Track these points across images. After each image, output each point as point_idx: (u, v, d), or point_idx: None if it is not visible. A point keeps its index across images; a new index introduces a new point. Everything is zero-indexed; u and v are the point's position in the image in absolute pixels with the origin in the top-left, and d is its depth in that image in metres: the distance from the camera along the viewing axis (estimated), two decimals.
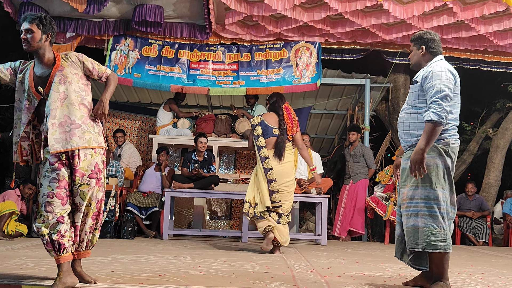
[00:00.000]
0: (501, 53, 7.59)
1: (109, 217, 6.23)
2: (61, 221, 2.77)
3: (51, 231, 2.76)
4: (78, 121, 2.86)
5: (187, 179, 6.57)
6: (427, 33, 3.14)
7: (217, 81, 7.36)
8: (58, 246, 2.76)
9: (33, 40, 2.86)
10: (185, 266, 3.72)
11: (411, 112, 3.05)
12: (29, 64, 2.98)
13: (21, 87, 2.93)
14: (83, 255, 2.95)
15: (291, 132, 5.06)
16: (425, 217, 2.88)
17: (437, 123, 2.83)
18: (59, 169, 2.81)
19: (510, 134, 8.98)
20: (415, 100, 3.04)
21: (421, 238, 2.86)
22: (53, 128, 2.80)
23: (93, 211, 2.91)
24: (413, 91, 3.07)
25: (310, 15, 6.65)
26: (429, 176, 2.91)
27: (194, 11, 6.73)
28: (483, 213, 7.75)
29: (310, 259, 4.53)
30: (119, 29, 7.09)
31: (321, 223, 6.38)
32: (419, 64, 3.15)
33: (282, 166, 4.95)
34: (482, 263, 4.74)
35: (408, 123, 3.06)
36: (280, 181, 4.91)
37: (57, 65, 2.90)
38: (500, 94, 9.50)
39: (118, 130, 7.84)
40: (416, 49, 3.15)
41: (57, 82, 2.86)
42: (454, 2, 6.18)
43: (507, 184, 10.94)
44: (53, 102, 2.83)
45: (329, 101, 9.45)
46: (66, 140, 2.81)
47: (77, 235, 2.88)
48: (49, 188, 2.79)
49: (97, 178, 2.90)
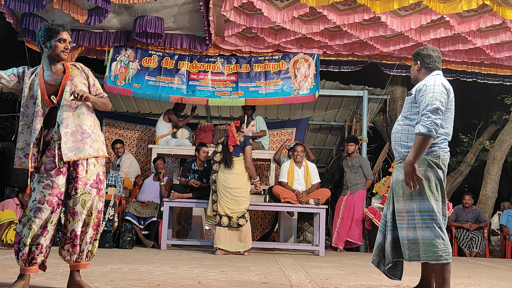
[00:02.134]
0: (497, 65, 7.67)
1: (107, 227, 6.24)
2: (43, 234, 2.77)
3: (33, 243, 2.77)
4: (88, 130, 2.92)
5: (185, 189, 6.59)
6: (425, 49, 3.20)
7: (216, 92, 7.41)
8: (30, 259, 2.77)
9: (69, 51, 2.99)
10: (184, 276, 3.73)
11: (403, 123, 3.10)
12: (36, 70, 3.00)
13: (29, 93, 2.95)
14: (83, 266, 2.94)
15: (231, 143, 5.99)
16: (423, 229, 2.90)
17: (426, 135, 2.86)
18: (55, 176, 2.82)
19: (507, 146, 9.03)
20: (408, 112, 3.10)
21: (422, 250, 2.88)
22: (65, 137, 2.84)
23: (94, 221, 2.92)
24: (407, 102, 3.13)
25: (309, 28, 6.72)
26: (422, 189, 2.95)
27: (194, 23, 6.80)
28: (480, 224, 7.77)
29: (308, 269, 4.54)
30: (120, 40, 7.16)
31: (319, 234, 6.39)
32: (416, 79, 3.23)
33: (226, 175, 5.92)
34: (480, 275, 4.75)
35: (400, 134, 3.10)
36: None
37: (67, 74, 2.96)
38: (496, 106, 9.57)
39: (117, 141, 7.87)
40: (414, 64, 3.24)
41: (68, 91, 2.92)
42: (451, 16, 6.26)
43: (504, 195, 10.98)
44: (65, 111, 2.88)
45: (327, 113, 9.51)
46: (79, 149, 2.86)
47: (77, 244, 2.88)
48: (41, 194, 2.79)
49: (98, 188, 2.92)
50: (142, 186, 7.12)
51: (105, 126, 8.85)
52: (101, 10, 6.20)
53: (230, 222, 5.85)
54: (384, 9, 5.98)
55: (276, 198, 6.58)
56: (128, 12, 6.58)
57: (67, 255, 2.91)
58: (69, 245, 2.88)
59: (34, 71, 3.01)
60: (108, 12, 6.19)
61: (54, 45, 2.94)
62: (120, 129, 8.93)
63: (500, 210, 8.72)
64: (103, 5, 5.97)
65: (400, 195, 3.03)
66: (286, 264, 4.94)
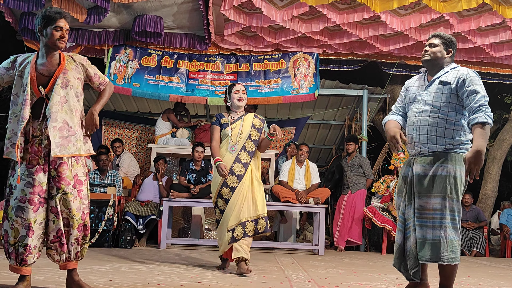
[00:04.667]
0: (497, 64, 7.66)
1: (107, 226, 6.23)
2: (29, 235, 2.71)
3: (19, 243, 2.72)
4: (74, 128, 2.84)
5: (185, 188, 6.59)
6: (455, 40, 3.07)
7: (216, 91, 7.41)
8: (20, 260, 2.73)
9: (66, 40, 2.87)
10: (183, 275, 3.73)
11: (438, 116, 2.87)
12: (29, 58, 2.90)
13: (20, 81, 2.85)
14: (72, 265, 2.87)
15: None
16: (450, 229, 2.77)
17: (490, 126, 2.76)
18: (36, 174, 2.76)
19: (507, 145, 9.03)
20: (444, 103, 2.87)
21: (445, 251, 2.75)
22: (54, 131, 2.76)
23: (78, 223, 2.83)
24: (442, 92, 2.88)
25: (308, 27, 6.71)
26: (457, 187, 2.82)
27: (193, 22, 6.79)
28: (480, 224, 7.77)
29: (308, 269, 4.53)
30: (119, 39, 7.15)
31: (319, 233, 6.39)
32: (437, 63, 2.98)
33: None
34: (480, 274, 4.75)
35: (435, 127, 2.86)
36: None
37: (62, 67, 2.86)
38: (496, 105, 9.56)
39: (116, 140, 7.87)
40: (444, 48, 2.99)
41: (59, 84, 2.83)
42: (451, 15, 6.25)
43: (504, 195, 10.98)
44: (54, 105, 2.79)
45: (327, 112, 9.50)
46: (63, 146, 2.77)
47: (64, 243, 2.81)
48: (22, 192, 2.73)
49: (77, 190, 2.84)
50: (141, 185, 7.12)
51: (104, 125, 8.85)
52: (100, 9, 6.19)
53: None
54: (384, 8, 5.97)
55: (276, 197, 6.58)
56: (127, 11, 6.57)
57: (56, 255, 2.84)
58: (56, 244, 2.81)
59: (28, 57, 2.91)
60: (107, 11, 6.18)
61: (50, 33, 2.84)
62: (120, 129, 8.92)
63: (500, 209, 8.73)
64: (103, 4, 5.96)
65: (430, 191, 2.82)
66: (285, 264, 4.94)
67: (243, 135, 4.23)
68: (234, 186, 4.11)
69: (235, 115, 4.35)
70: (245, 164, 4.18)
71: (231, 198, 4.10)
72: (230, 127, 4.25)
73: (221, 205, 4.15)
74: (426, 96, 2.95)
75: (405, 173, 2.99)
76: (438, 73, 2.99)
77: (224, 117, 4.34)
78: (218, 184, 4.15)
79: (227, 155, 4.18)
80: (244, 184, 4.13)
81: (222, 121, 4.31)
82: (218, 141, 4.28)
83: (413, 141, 2.94)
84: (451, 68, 2.98)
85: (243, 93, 4.35)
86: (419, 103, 2.97)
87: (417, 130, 2.92)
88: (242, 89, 4.36)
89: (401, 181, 3.03)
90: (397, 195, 3.05)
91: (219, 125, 4.30)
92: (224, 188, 4.13)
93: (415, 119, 2.95)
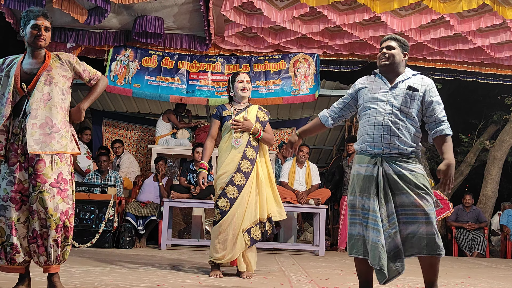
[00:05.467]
0: (497, 65, 7.66)
1: (107, 227, 6.24)
2: (13, 233, 2.71)
3: (6, 243, 2.72)
4: (58, 125, 2.80)
5: (185, 189, 6.60)
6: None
7: (216, 91, 7.41)
8: (9, 259, 2.73)
9: (48, 38, 2.86)
10: (183, 276, 3.73)
11: (406, 120, 2.89)
12: (17, 58, 2.91)
13: (6, 81, 2.84)
14: (53, 269, 2.79)
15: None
16: (435, 223, 2.82)
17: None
18: (16, 172, 2.74)
19: (507, 146, 9.03)
20: (412, 109, 2.89)
21: (439, 244, 2.77)
22: (33, 128, 2.73)
23: (56, 223, 2.72)
24: (411, 98, 2.89)
25: (309, 27, 6.72)
26: (427, 184, 2.87)
27: (194, 22, 6.79)
28: (480, 224, 7.77)
29: (308, 269, 4.53)
30: (120, 40, 7.15)
31: (319, 234, 6.39)
32: (396, 66, 2.97)
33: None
34: (480, 275, 4.75)
35: (406, 131, 2.88)
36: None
37: (46, 65, 2.85)
38: (497, 106, 9.56)
39: (116, 141, 7.87)
40: (401, 51, 3.00)
41: (42, 82, 2.81)
42: (451, 15, 6.25)
43: (504, 195, 10.97)
44: (35, 101, 2.77)
45: None
46: (45, 143, 2.74)
47: (41, 245, 2.74)
48: (4, 191, 2.73)
49: (60, 189, 2.77)
50: (142, 186, 7.12)
51: (104, 126, 8.86)
52: (100, 10, 6.19)
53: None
54: (384, 9, 5.97)
55: None
56: (128, 12, 6.57)
57: (34, 257, 2.78)
58: (34, 245, 2.75)
59: (16, 58, 2.92)
60: (108, 12, 6.18)
61: (28, 32, 2.83)
62: (120, 129, 8.93)
63: (501, 210, 8.73)
64: (103, 5, 5.96)
65: (411, 189, 2.81)
66: (286, 264, 4.94)
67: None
68: (241, 185, 3.87)
69: (239, 106, 4.08)
70: (252, 161, 3.95)
71: (239, 197, 3.85)
72: (233, 119, 3.99)
73: (222, 205, 3.84)
74: (391, 98, 2.92)
75: (368, 172, 2.91)
76: (400, 77, 2.97)
77: (227, 109, 4.07)
78: (224, 182, 3.87)
79: (232, 151, 3.92)
80: (253, 182, 3.92)
81: (224, 113, 4.03)
82: (214, 138, 4.06)
83: (381, 141, 2.90)
84: (412, 74, 2.99)
85: (248, 82, 4.06)
86: (384, 103, 2.92)
87: (386, 131, 2.89)
88: (246, 78, 4.06)
89: (363, 180, 2.91)
90: (360, 195, 2.89)
91: (220, 118, 4.04)
92: (229, 186, 3.85)
93: (383, 119, 2.90)
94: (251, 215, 3.90)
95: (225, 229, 3.83)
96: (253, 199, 3.92)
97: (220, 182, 3.91)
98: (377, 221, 2.79)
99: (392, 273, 2.78)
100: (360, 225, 2.87)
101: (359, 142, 3.02)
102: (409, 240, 2.80)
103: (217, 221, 3.87)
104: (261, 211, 3.95)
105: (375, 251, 2.74)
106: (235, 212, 3.85)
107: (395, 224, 2.79)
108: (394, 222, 2.79)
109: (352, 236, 2.90)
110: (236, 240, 3.83)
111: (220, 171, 3.93)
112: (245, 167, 3.92)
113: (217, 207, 3.89)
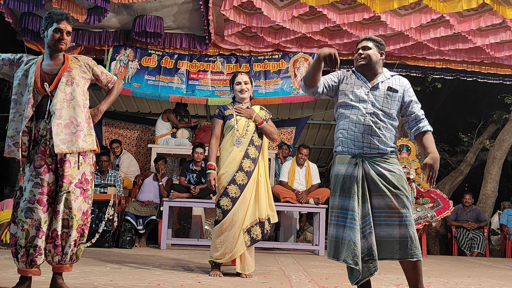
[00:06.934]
0: (497, 65, 7.66)
1: (107, 227, 6.23)
2: (39, 235, 2.71)
3: (29, 244, 2.71)
4: (82, 124, 2.84)
5: (185, 188, 6.60)
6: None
7: (216, 91, 7.41)
8: (30, 261, 2.73)
9: (69, 42, 2.91)
10: (183, 276, 3.73)
11: (387, 121, 2.92)
12: (35, 59, 2.95)
13: (25, 81, 2.88)
14: (66, 269, 2.84)
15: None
16: (413, 226, 2.82)
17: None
18: (44, 174, 2.75)
19: (507, 145, 9.03)
20: (393, 110, 2.94)
21: (415, 247, 2.76)
22: (58, 128, 2.76)
23: (77, 223, 2.79)
24: (392, 99, 2.94)
25: (309, 27, 6.71)
26: (405, 185, 2.87)
27: (193, 22, 6.78)
28: (480, 224, 7.77)
29: (308, 269, 4.53)
30: (119, 40, 7.15)
31: (319, 233, 6.39)
32: (373, 66, 2.99)
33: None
34: (480, 274, 4.75)
35: (387, 132, 2.91)
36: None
37: (66, 66, 2.89)
38: (497, 105, 9.56)
39: (114, 141, 7.88)
40: (378, 51, 3.01)
41: (64, 82, 2.85)
42: (451, 15, 6.24)
43: (504, 195, 10.97)
44: (59, 102, 2.80)
45: (327, 112, 9.50)
46: (72, 142, 2.77)
47: (59, 245, 2.78)
48: (31, 193, 2.73)
49: (83, 189, 2.82)
50: (141, 185, 7.12)
51: (104, 125, 8.85)
52: (100, 9, 6.18)
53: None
54: (384, 8, 5.96)
55: (276, 197, 6.58)
56: (127, 12, 6.57)
57: (48, 256, 2.80)
58: (50, 245, 2.77)
59: (34, 59, 2.95)
60: (107, 11, 6.17)
61: (50, 35, 2.88)
62: (120, 129, 8.93)
63: (500, 209, 8.73)
64: (103, 4, 5.96)
65: (389, 190, 2.81)
66: (286, 264, 4.94)
67: (250, 128, 3.99)
68: (243, 184, 3.87)
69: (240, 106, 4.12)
70: (254, 160, 3.95)
71: (241, 196, 3.84)
72: (235, 118, 3.99)
73: (224, 205, 3.84)
74: (372, 98, 2.94)
75: (349, 172, 2.89)
76: (379, 77, 2.99)
77: (229, 108, 4.08)
78: (225, 181, 3.87)
79: (234, 150, 3.92)
80: (254, 181, 3.92)
81: (226, 112, 4.04)
82: (218, 137, 4.04)
83: (362, 140, 2.90)
84: (390, 75, 3.03)
85: (246, 83, 4.07)
86: (366, 103, 2.93)
87: (367, 131, 2.90)
88: (244, 80, 4.07)
89: (343, 180, 2.89)
90: (342, 195, 2.88)
91: (222, 117, 4.03)
92: (231, 185, 3.85)
93: (364, 119, 2.91)
94: (251, 214, 3.91)
95: (226, 228, 3.83)
96: (253, 199, 3.93)
97: (222, 181, 3.91)
98: (355, 220, 2.78)
99: (364, 274, 2.77)
100: (339, 226, 2.85)
101: (340, 142, 2.99)
102: (383, 244, 2.80)
103: (219, 221, 3.87)
104: (260, 211, 3.95)
105: (350, 249, 2.74)
106: (237, 211, 3.84)
107: (370, 225, 2.79)
108: (369, 223, 2.79)
109: (332, 238, 2.88)
110: (237, 240, 3.83)
111: (221, 170, 3.93)
112: (247, 166, 3.92)
113: (218, 207, 3.89)
